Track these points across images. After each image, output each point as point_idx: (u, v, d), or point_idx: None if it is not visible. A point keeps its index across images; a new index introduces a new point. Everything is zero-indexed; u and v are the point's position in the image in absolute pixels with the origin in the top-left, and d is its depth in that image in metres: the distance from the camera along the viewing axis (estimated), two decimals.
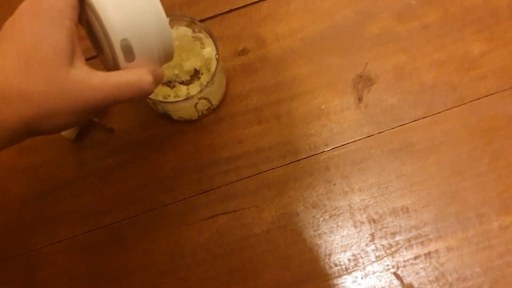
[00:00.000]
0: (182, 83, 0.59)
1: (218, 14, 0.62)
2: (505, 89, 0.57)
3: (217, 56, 0.53)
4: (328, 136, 0.57)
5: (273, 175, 0.56)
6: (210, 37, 0.54)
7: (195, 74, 0.59)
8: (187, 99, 0.52)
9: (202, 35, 0.56)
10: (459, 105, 0.57)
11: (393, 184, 0.55)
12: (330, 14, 0.61)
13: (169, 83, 0.59)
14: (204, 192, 0.56)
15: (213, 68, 0.56)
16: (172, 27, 0.55)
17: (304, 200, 0.55)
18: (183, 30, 0.56)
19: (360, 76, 0.59)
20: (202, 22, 0.54)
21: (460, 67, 0.58)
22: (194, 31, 0.56)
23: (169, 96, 0.58)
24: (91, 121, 0.58)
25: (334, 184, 0.55)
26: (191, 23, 0.55)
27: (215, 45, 0.53)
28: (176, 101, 0.52)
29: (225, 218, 0.55)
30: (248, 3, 0.62)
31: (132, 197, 0.57)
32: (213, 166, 0.57)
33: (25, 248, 0.56)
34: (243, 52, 0.61)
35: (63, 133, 0.57)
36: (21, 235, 0.57)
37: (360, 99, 0.58)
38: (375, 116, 0.57)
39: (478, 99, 0.57)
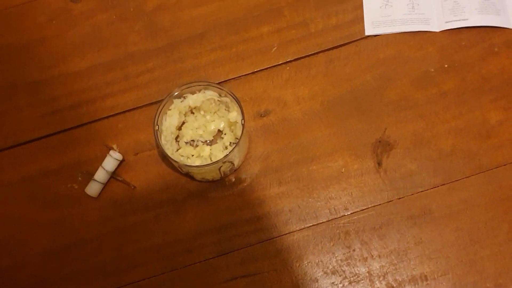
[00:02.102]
0: (205, 142, 0.60)
1: (242, 76, 0.63)
2: None
3: (243, 121, 0.54)
4: (348, 200, 0.58)
5: (293, 238, 0.57)
6: (236, 102, 0.55)
7: (218, 134, 0.61)
8: (213, 163, 0.53)
9: (228, 99, 0.57)
10: (477, 173, 0.58)
11: (412, 251, 0.56)
12: (350, 79, 0.62)
13: (193, 143, 0.60)
14: (224, 254, 0.57)
15: (237, 131, 0.57)
16: (199, 91, 0.57)
17: (324, 266, 0.56)
18: (210, 94, 0.57)
19: (379, 141, 0.60)
20: (225, 83, 0.55)
21: (478, 135, 0.59)
22: (220, 95, 0.57)
23: (192, 155, 0.59)
24: (114, 179, 0.59)
25: (353, 250, 0.56)
26: (216, 88, 0.56)
27: (241, 110, 0.54)
28: (202, 166, 0.53)
29: (244, 281, 0.56)
30: (271, 65, 0.63)
31: (152, 256, 0.57)
32: (233, 227, 0.58)
33: None
34: (265, 113, 0.62)
35: (87, 191, 0.58)
36: None
37: (379, 164, 0.59)
38: (394, 181, 0.58)
39: (496, 167, 0.58)
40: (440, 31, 0.64)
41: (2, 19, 0.68)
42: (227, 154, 0.53)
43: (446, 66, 0.62)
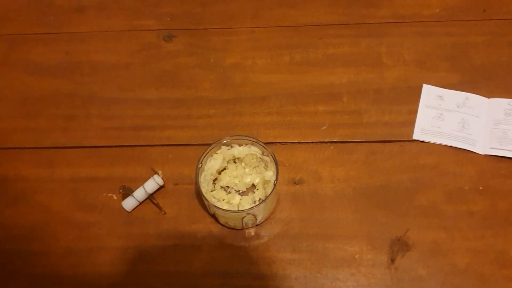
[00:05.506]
0: (238, 191, 0.65)
1: (288, 142, 0.69)
2: None
3: (275, 182, 0.59)
4: (353, 286, 0.60)
5: None
6: (275, 163, 0.60)
7: (251, 188, 0.65)
8: (237, 211, 0.57)
9: (268, 159, 0.62)
10: None
11: None
12: (387, 174, 0.66)
13: (227, 189, 0.65)
14: None
15: (268, 190, 0.61)
16: (246, 144, 0.62)
17: None
18: (254, 150, 0.63)
19: (399, 239, 0.62)
20: (272, 145, 0.60)
21: (494, 261, 0.60)
22: (263, 154, 0.62)
23: (223, 200, 0.63)
24: (150, 201, 0.64)
25: None
26: (262, 146, 0.62)
27: (277, 171, 0.59)
28: (228, 210, 0.57)
29: None
30: (317, 141, 0.68)
31: (160, 280, 0.61)
32: (239, 277, 0.61)
33: None
34: (299, 182, 0.66)
35: (124, 205, 0.64)
36: (50, 281, 0.62)
37: (392, 261, 0.61)
38: (402, 281, 0.59)
39: None
40: (483, 155, 0.66)
41: (101, 39, 0.79)
42: (253, 207, 0.57)
43: (481, 188, 0.64)
